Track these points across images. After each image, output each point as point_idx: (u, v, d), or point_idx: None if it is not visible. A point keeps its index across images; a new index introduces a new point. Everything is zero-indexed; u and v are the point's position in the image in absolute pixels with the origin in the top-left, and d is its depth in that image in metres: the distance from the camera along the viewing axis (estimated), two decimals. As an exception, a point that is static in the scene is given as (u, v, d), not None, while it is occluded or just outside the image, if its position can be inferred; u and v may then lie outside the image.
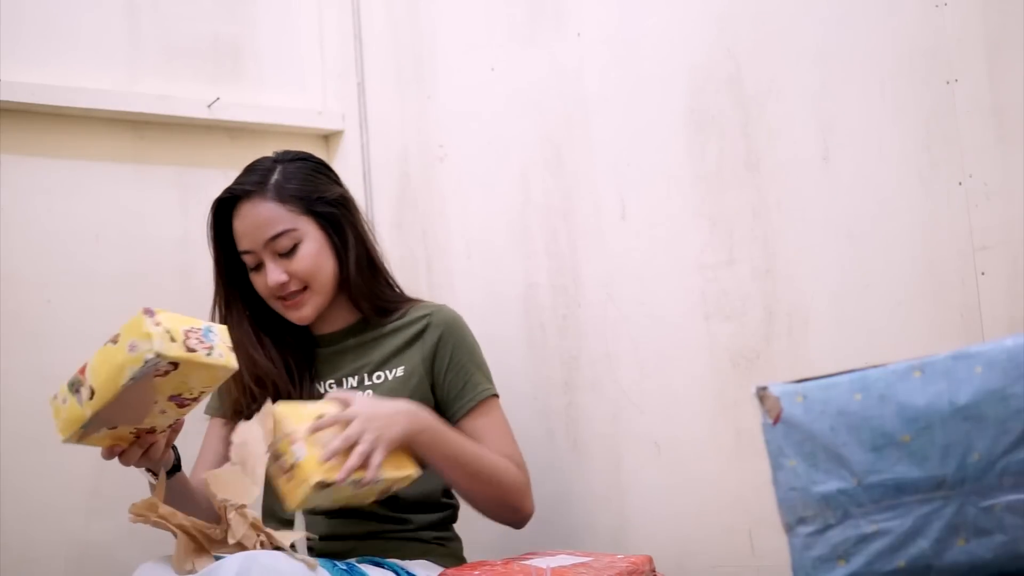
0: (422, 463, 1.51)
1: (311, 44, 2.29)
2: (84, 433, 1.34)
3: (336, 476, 1.36)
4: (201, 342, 1.32)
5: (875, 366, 1.00)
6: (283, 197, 1.62)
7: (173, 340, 1.29)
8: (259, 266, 1.63)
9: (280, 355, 1.67)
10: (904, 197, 1.47)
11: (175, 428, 1.44)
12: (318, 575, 1.34)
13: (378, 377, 1.65)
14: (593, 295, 1.84)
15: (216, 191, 1.66)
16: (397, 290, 1.74)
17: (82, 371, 1.34)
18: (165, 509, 1.34)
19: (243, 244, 1.63)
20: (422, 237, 2.15)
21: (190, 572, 1.32)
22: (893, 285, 1.48)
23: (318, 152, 2.27)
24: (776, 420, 1.00)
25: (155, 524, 1.34)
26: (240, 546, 1.34)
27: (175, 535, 1.35)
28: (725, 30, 1.66)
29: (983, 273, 1.39)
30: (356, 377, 1.66)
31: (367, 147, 2.27)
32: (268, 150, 1.73)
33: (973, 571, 0.95)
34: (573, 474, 1.85)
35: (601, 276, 1.83)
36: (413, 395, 1.62)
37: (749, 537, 1.62)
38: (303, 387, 1.66)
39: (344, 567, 1.46)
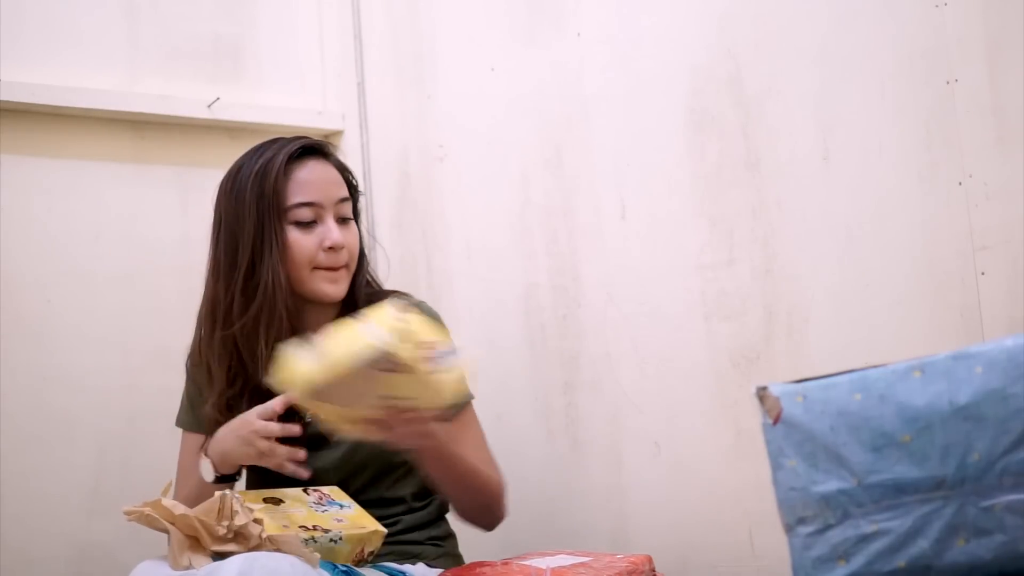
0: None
1: (311, 44, 2.29)
2: (314, 397, 1.34)
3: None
4: (433, 360, 1.30)
5: (875, 366, 1.00)
6: (344, 172, 1.64)
7: (404, 342, 1.27)
8: (311, 224, 1.57)
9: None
10: (904, 197, 1.47)
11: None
12: (319, 575, 1.33)
13: None
14: (593, 295, 1.84)
15: (216, 192, 1.65)
16: (376, 289, 1.70)
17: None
18: (168, 501, 1.34)
19: (310, 194, 1.57)
20: (422, 237, 2.15)
21: (187, 568, 1.31)
22: (893, 285, 1.48)
23: (318, 152, 2.27)
24: (776, 420, 1.00)
25: (148, 522, 1.34)
26: (242, 536, 1.33)
27: (169, 533, 1.34)
28: (725, 30, 1.66)
29: (983, 273, 1.39)
30: None
31: (367, 147, 2.27)
32: (269, 150, 1.72)
33: (973, 571, 0.95)
34: (573, 474, 1.85)
35: (601, 276, 1.83)
36: None
37: (749, 537, 1.62)
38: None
39: (344, 568, 1.46)
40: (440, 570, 1.55)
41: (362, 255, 1.66)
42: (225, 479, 1.52)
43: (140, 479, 1.89)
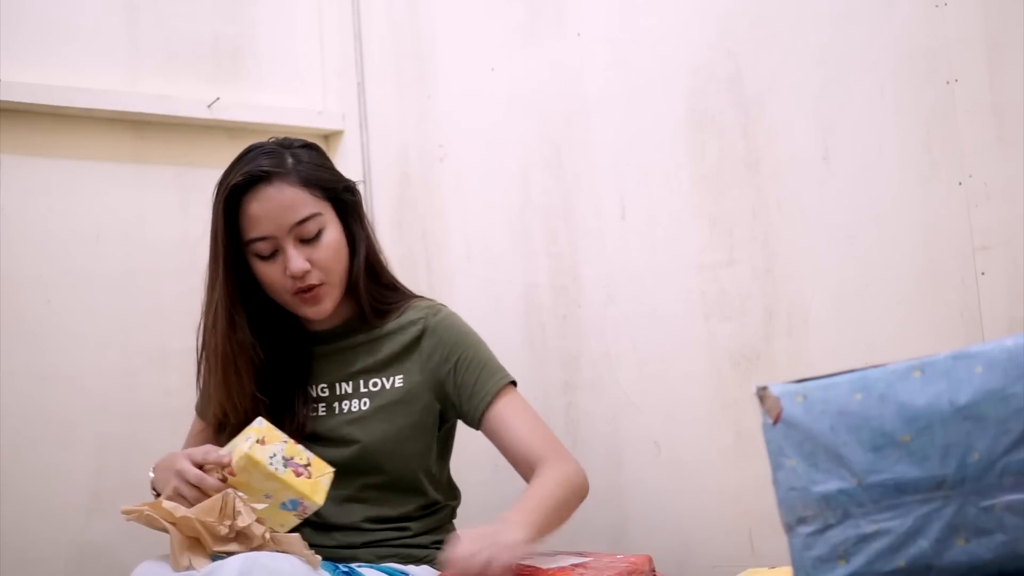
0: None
1: (311, 44, 2.29)
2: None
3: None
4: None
5: (875, 366, 1.00)
6: (306, 181, 1.54)
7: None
8: (274, 254, 1.55)
9: (277, 357, 1.62)
10: (904, 197, 1.47)
11: None
12: (319, 575, 1.33)
13: (375, 385, 1.61)
14: (593, 295, 1.84)
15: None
16: (398, 288, 1.68)
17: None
18: (168, 504, 1.34)
19: (262, 229, 1.53)
20: (422, 237, 2.15)
21: (187, 569, 1.31)
22: (893, 285, 1.48)
23: (318, 152, 2.27)
24: (776, 420, 1.00)
25: (148, 522, 1.34)
26: (244, 536, 1.33)
27: (169, 533, 1.34)
28: (725, 30, 1.66)
29: (983, 273, 1.39)
30: (351, 383, 1.62)
31: (367, 147, 2.27)
32: (269, 150, 1.72)
33: (973, 571, 0.95)
34: (573, 474, 1.85)
35: (601, 276, 1.83)
36: (414, 407, 1.59)
37: (749, 537, 1.62)
38: (296, 391, 1.62)
39: (345, 569, 1.46)
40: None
41: (354, 256, 1.61)
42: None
43: (140, 479, 1.88)
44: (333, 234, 1.57)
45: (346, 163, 2.24)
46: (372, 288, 1.63)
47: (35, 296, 1.89)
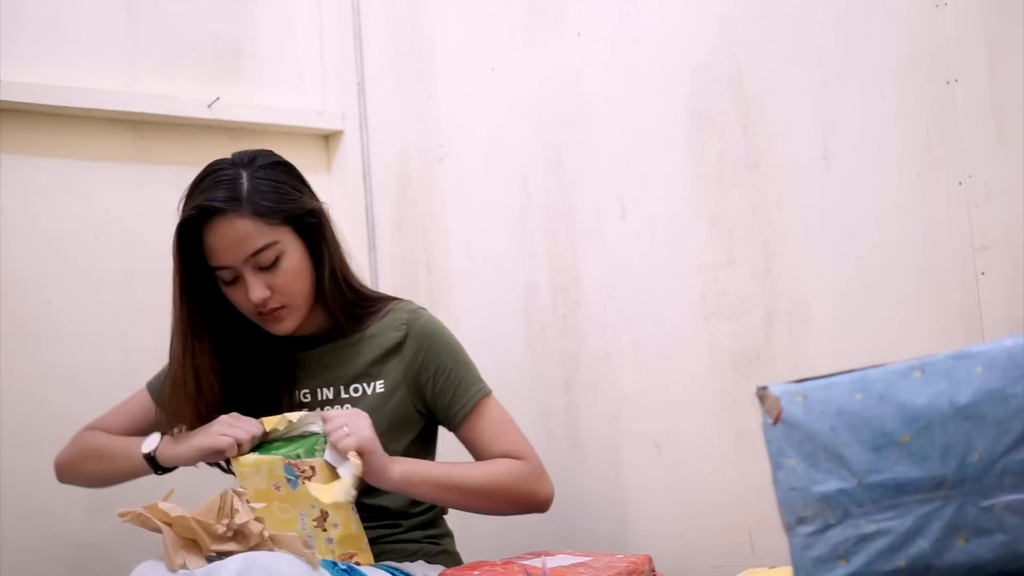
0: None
1: (311, 44, 2.29)
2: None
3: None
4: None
5: (875, 366, 1.00)
6: (260, 210, 1.54)
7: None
8: (235, 280, 1.56)
9: (256, 368, 1.63)
10: (904, 197, 1.47)
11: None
12: (319, 575, 1.33)
13: (355, 390, 1.61)
14: (593, 295, 1.84)
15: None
16: (371, 295, 1.68)
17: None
18: (165, 504, 1.33)
19: (220, 260, 1.55)
20: (422, 237, 2.15)
21: (182, 567, 1.31)
22: (893, 285, 1.48)
23: (318, 152, 2.27)
24: (776, 420, 1.00)
25: (141, 523, 1.34)
26: (242, 535, 1.33)
27: (163, 533, 1.34)
28: (725, 30, 1.66)
29: (983, 273, 1.39)
30: (332, 389, 1.63)
31: (367, 147, 2.27)
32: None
33: (973, 571, 0.95)
34: (573, 474, 1.85)
35: (601, 276, 1.83)
36: (395, 411, 1.60)
37: (749, 537, 1.62)
38: (281, 399, 1.62)
39: (344, 567, 1.46)
40: (439, 567, 1.56)
41: (320, 275, 1.60)
42: (153, 464, 1.59)
43: (140, 479, 1.89)
44: (293, 259, 1.57)
45: (346, 163, 2.24)
46: (345, 298, 1.63)
47: (35, 296, 1.89)
